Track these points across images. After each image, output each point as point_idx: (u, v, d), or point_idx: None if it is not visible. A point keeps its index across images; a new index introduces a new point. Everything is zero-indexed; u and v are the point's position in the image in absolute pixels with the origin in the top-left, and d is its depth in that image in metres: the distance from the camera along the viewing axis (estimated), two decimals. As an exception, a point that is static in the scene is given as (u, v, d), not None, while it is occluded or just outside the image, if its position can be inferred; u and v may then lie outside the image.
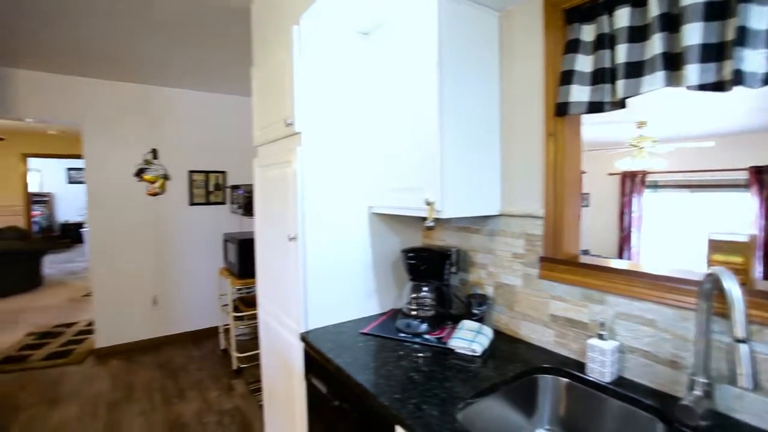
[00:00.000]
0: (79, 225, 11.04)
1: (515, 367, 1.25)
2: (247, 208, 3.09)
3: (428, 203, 1.34)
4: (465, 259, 1.69)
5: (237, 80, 3.64)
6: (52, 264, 7.75)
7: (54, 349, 3.79)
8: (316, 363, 1.46)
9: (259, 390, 2.94)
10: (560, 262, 1.34)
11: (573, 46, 1.23)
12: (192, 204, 4.00)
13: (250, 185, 3.29)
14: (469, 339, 1.37)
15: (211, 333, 4.09)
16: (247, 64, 3.14)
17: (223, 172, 4.16)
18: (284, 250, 1.69)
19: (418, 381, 1.16)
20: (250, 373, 3.23)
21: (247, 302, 3.36)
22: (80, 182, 11.19)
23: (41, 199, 10.25)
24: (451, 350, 1.37)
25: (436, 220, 1.35)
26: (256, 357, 3.32)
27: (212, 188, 4.10)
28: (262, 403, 2.72)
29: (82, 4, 2.18)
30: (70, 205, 11.16)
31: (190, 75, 3.48)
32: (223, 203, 4.15)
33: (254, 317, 3.33)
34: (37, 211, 9.76)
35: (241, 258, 3.06)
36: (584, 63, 1.22)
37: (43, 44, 2.78)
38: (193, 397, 2.92)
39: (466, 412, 1.05)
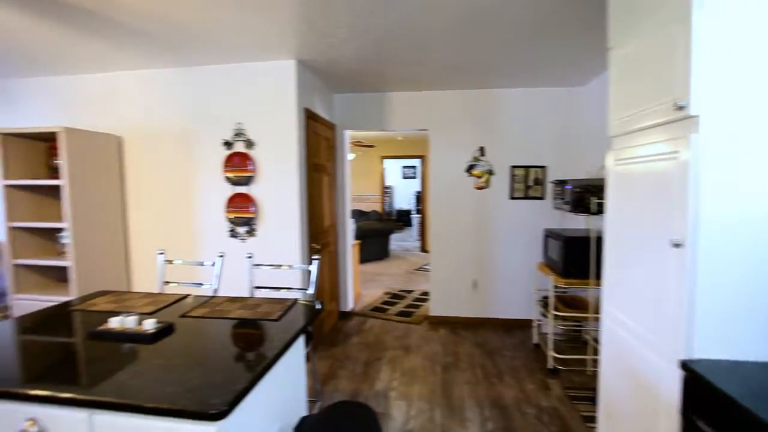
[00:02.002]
0: (408, 212, 13.81)
1: None
2: (576, 204, 2.92)
3: None
4: None
5: (558, 72, 3.50)
6: (393, 241, 9.99)
7: (401, 308, 4.84)
8: (710, 404, 1.17)
9: (579, 398, 2.76)
10: None
11: None
12: (512, 198, 4.18)
13: (581, 180, 3.08)
14: None
15: (522, 324, 4.19)
16: (573, 53, 2.95)
17: (542, 167, 4.12)
18: (656, 255, 1.44)
19: None
20: (567, 377, 3.08)
21: (567, 302, 3.21)
22: (410, 178, 13.95)
23: (386, 191, 13.36)
24: None
25: None
26: (575, 362, 3.16)
27: (531, 183, 4.14)
28: (586, 414, 2.54)
29: (445, 34, 2.58)
30: (402, 195, 14.09)
31: (515, 74, 3.60)
32: (541, 198, 4.13)
33: (574, 319, 3.16)
34: (384, 200, 12.85)
35: (567, 257, 2.93)
36: None
37: (405, 71, 3.50)
38: (511, 383, 3.05)
39: None
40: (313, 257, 2.17)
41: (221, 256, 2.35)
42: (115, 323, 1.62)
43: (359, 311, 4.72)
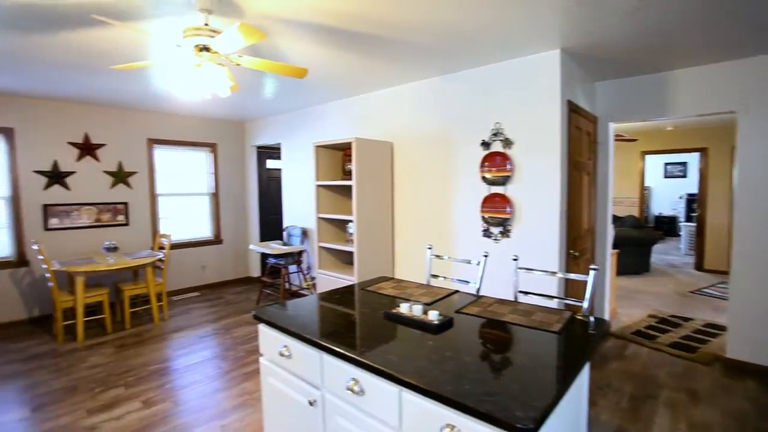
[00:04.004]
0: (672, 218, 11.16)
1: None
2: None
3: None
4: None
5: None
6: (654, 254, 8.24)
7: (675, 339, 3.88)
8: None
9: None
10: None
11: None
12: None
13: None
14: None
15: None
16: None
17: None
18: None
19: None
20: None
21: None
22: (677, 176, 11.23)
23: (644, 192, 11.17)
24: None
25: None
26: None
27: None
28: None
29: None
30: (664, 198, 11.51)
31: None
32: None
33: None
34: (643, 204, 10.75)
35: None
36: None
37: (703, 37, 2.69)
38: None
39: None
40: (591, 267, 1.91)
41: (486, 255, 2.35)
42: (404, 309, 1.80)
43: (617, 332, 4.04)
